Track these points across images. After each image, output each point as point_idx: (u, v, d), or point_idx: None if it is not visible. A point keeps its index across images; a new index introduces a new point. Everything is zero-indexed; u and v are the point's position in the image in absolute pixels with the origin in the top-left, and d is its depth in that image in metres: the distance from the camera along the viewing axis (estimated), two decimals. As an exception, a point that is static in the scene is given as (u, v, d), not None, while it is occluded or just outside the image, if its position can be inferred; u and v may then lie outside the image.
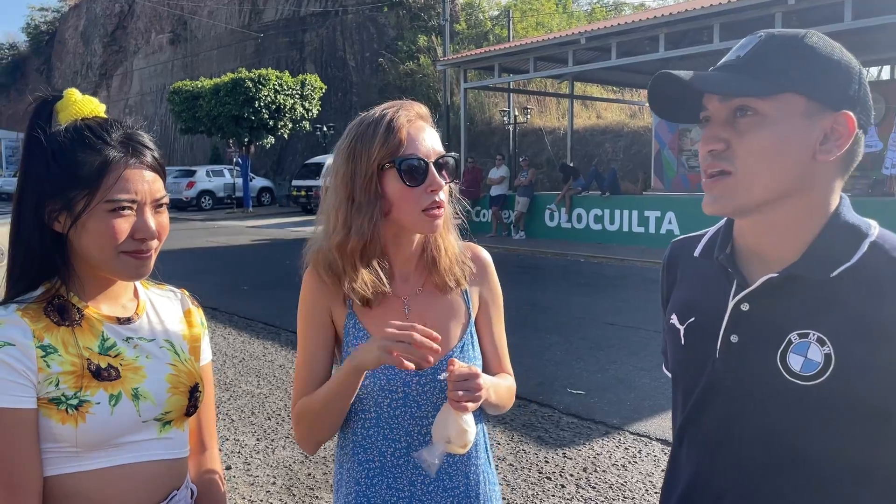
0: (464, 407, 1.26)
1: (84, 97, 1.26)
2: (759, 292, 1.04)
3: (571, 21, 31.87)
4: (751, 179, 1.01)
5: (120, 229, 1.19)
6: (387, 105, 1.41)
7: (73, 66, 54.31)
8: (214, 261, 13.60)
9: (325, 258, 1.41)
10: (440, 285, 1.45)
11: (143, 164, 1.22)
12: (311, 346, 1.46)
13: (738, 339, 1.06)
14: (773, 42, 1.02)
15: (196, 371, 1.34)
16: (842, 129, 0.99)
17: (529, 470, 3.97)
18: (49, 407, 1.15)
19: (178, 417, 1.29)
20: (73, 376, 1.16)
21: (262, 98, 25.08)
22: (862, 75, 1.02)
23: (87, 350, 1.20)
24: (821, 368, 0.97)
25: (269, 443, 4.47)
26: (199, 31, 42.88)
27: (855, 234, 1.01)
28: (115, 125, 1.23)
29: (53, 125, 1.23)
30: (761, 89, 0.99)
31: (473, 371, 1.28)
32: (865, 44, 13.90)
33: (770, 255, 1.06)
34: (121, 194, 1.18)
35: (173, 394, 1.27)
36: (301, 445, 1.49)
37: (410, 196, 1.35)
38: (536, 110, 26.23)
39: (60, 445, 1.16)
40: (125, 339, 1.26)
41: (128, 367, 1.23)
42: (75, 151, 1.19)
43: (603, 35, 14.59)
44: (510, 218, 16.90)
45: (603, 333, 7.10)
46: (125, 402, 1.20)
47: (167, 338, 1.32)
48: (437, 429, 1.30)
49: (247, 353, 6.71)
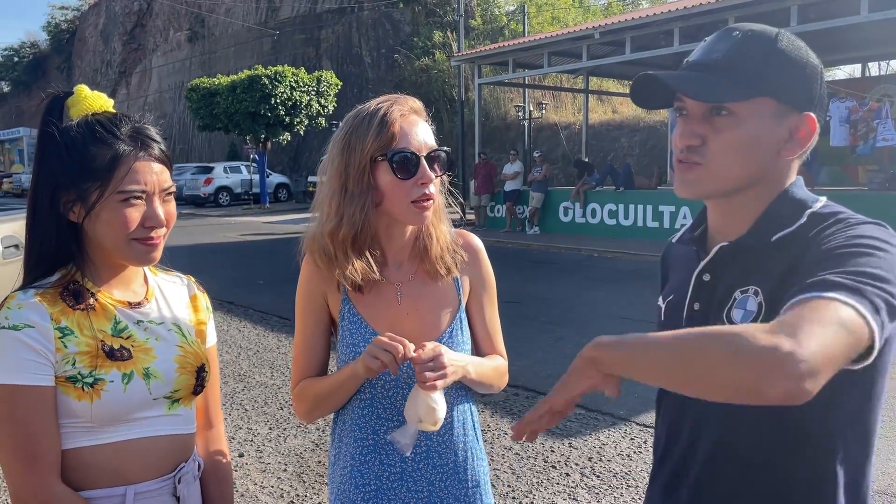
0: (431, 386, 1.33)
1: (93, 93, 1.33)
2: (715, 261, 1.16)
3: (587, 15, 31.76)
4: (723, 172, 1.11)
5: (131, 218, 1.26)
6: (382, 99, 1.47)
7: (92, 65, 54.95)
8: (231, 256, 13.76)
9: (320, 245, 1.48)
10: (431, 273, 1.51)
11: (150, 156, 1.29)
12: (309, 329, 1.54)
13: (699, 307, 1.17)
14: (748, 43, 1.09)
15: (202, 352, 1.43)
16: (805, 128, 1.09)
17: (535, 459, 4.03)
18: (66, 385, 1.23)
19: (186, 396, 1.38)
20: (88, 356, 1.25)
21: (278, 95, 25.25)
22: (823, 75, 1.11)
23: (101, 332, 1.28)
24: (754, 316, 1.07)
25: (280, 431, 4.57)
26: (216, 29, 43.22)
27: (799, 206, 1.11)
28: (124, 120, 1.30)
29: (65, 120, 1.30)
30: (738, 94, 1.07)
31: (437, 351, 1.35)
32: (881, 37, 13.78)
33: (729, 229, 1.16)
34: (131, 185, 1.26)
35: (181, 373, 1.35)
36: (300, 418, 1.60)
37: (401, 188, 1.41)
38: (552, 105, 26.20)
39: (77, 421, 1.25)
40: (136, 322, 1.34)
41: (139, 348, 1.31)
42: (87, 145, 1.26)
43: (617, 29, 14.56)
44: (524, 213, 16.91)
45: (615, 327, 7.13)
46: (137, 381, 1.28)
47: (175, 321, 1.40)
48: (409, 410, 1.38)
49: (261, 345, 6.82)
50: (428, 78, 29.53)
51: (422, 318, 1.50)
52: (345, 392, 1.49)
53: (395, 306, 1.49)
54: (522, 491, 3.64)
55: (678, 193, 1.17)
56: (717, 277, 1.15)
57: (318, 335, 1.55)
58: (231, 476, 1.57)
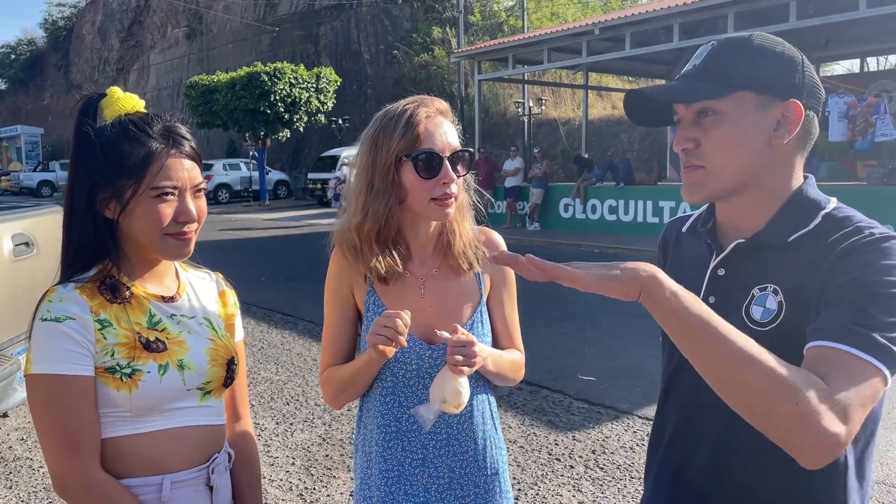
0: (460, 370, 1.41)
1: (126, 94, 1.39)
2: (730, 257, 1.20)
3: (587, 11, 31.72)
4: (720, 170, 1.16)
5: (164, 213, 1.31)
6: (410, 100, 1.54)
7: (90, 62, 54.84)
8: (232, 253, 13.79)
9: (347, 238, 1.56)
10: (454, 267, 1.58)
11: (182, 153, 1.34)
12: (336, 320, 1.62)
13: (714, 300, 1.21)
14: (722, 48, 1.17)
15: (232, 346, 1.48)
16: (791, 115, 1.13)
17: (539, 452, 4.08)
18: (105, 375, 1.29)
19: (217, 388, 1.43)
20: (126, 348, 1.30)
21: (277, 92, 25.24)
22: (805, 64, 1.15)
23: (137, 325, 1.33)
24: (775, 315, 1.12)
25: (287, 426, 4.62)
26: (214, 26, 43.15)
27: (813, 207, 1.16)
28: (156, 119, 1.35)
29: (99, 121, 1.36)
30: (714, 91, 1.14)
31: (471, 339, 1.43)
32: (879, 33, 13.81)
33: (742, 227, 1.20)
34: (164, 182, 1.31)
35: (212, 365, 1.41)
36: (328, 403, 1.67)
37: (424, 187, 1.48)
38: (551, 101, 26.21)
39: (116, 410, 1.30)
40: (170, 316, 1.39)
41: (173, 340, 1.36)
42: (122, 144, 1.31)
43: (617, 25, 14.56)
44: (525, 209, 16.95)
45: (615, 322, 7.18)
46: (172, 372, 1.33)
47: (206, 315, 1.46)
48: (435, 389, 1.44)
49: (265, 341, 6.87)
50: (427, 74, 29.52)
51: (444, 310, 1.56)
52: (365, 376, 1.55)
53: (418, 299, 1.55)
54: (528, 483, 3.69)
55: (685, 198, 1.21)
56: (732, 273, 1.19)
57: (345, 325, 1.61)
58: (259, 466, 1.62)
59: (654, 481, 1.33)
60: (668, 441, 1.29)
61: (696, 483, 1.23)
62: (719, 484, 1.20)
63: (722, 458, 1.19)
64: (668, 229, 1.44)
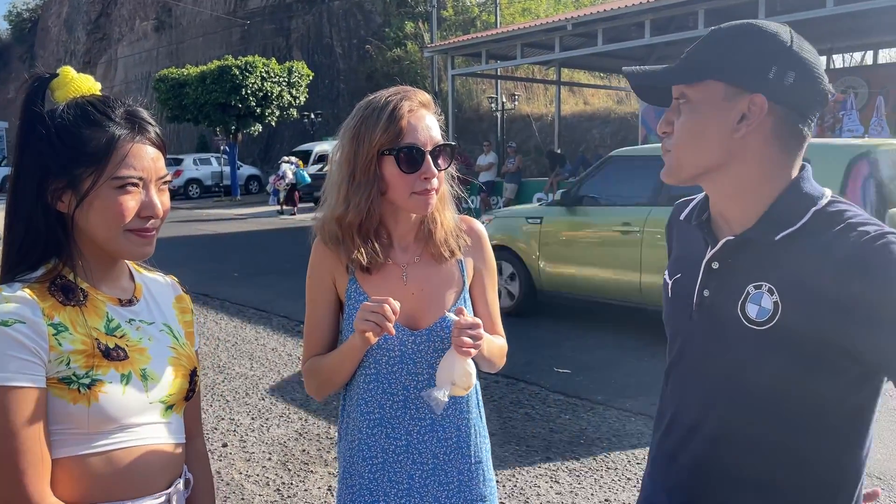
0: (467, 352, 1.42)
1: (80, 75, 1.24)
2: (722, 252, 1.19)
3: (559, 7, 31.82)
4: (681, 155, 1.18)
5: (127, 207, 1.18)
6: (393, 91, 1.53)
7: (56, 55, 53.74)
8: (204, 248, 13.64)
9: (329, 229, 1.55)
10: (436, 255, 1.59)
11: (147, 140, 1.21)
12: (318, 310, 1.61)
13: (709, 294, 1.21)
14: (714, 33, 1.17)
15: (193, 355, 1.35)
16: (755, 108, 1.12)
17: (517, 444, 4.10)
18: (60, 387, 1.13)
19: (179, 401, 1.30)
20: (83, 356, 1.15)
21: (248, 86, 24.99)
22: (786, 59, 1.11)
23: (95, 330, 1.19)
24: (771, 314, 1.11)
25: (263, 421, 4.58)
26: (183, 19, 42.55)
27: (804, 203, 1.14)
28: (117, 102, 1.22)
29: (48, 104, 1.20)
30: (684, 76, 1.15)
31: (477, 321, 1.45)
32: (847, 29, 14.06)
33: (733, 220, 1.20)
34: (128, 171, 1.17)
35: (176, 376, 1.28)
36: (310, 394, 1.65)
37: (405, 181, 1.48)
38: (524, 97, 26.29)
39: (71, 426, 1.14)
40: (128, 321, 1.25)
41: (133, 348, 1.22)
42: (80, 128, 1.16)
43: (589, 21, 14.64)
44: (498, 204, 16.99)
45: (590, 315, 7.24)
46: (135, 382, 1.20)
47: (165, 321, 1.33)
48: (442, 373, 1.45)
49: (239, 337, 6.80)
50: (400, 69, 29.39)
51: (427, 298, 1.56)
52: (348, 365, 1.54)
53: (400, 287, 1.55)
54: (505, 475, 3.71)
55: (662, 178, 1.23)
56: (726, 267, 1.19)
57: (327, 315, 1.61)
58: (214, 491, 1.50)
59: (651, 465, 1.35)
60: (666, 427, 1.30)
61: (687, 469, 1.24)
62: (710, 473, 1.21)
63: (716, 450, 1.20)
64: (673, 213, 1.42)
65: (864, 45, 17.10)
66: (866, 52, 19.07)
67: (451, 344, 1.46)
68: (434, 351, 1.54)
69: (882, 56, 18.29)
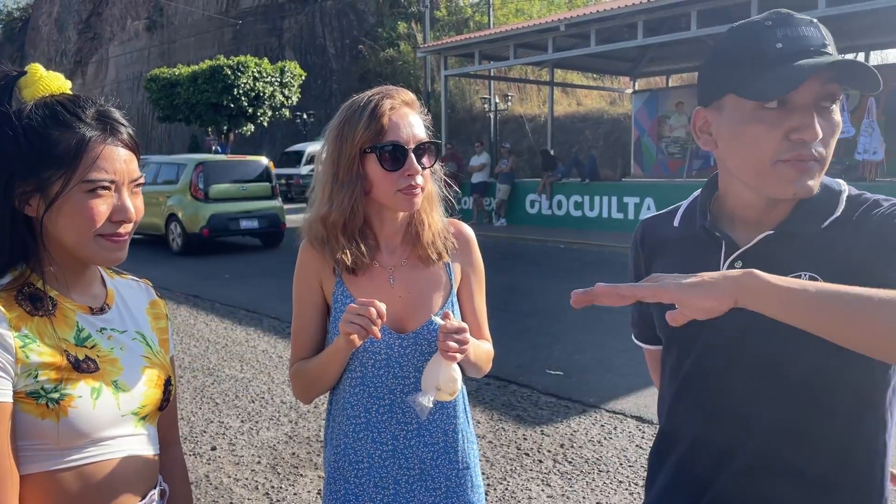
0: (452, 357, 1.40)
1: (49, 73, 1.19)
2: (754, 250, 1.15)
3: (552, 8, 31.85)
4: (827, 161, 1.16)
5: (98, 211, 1.13)
6: (376, 90, 1.51)
7: (47, 54, 53.45)
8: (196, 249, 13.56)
9: (314, 229, 1.54)
10: (423, 257, 1.57)
11: (119, 142, 1.16)
12: (305, 312, 1.59)
13: None
14: None
15: (167, 364, 1.31)
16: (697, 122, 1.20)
17: (508, 447, 4.08)
18: (27, 402, 1.08)
19: (152, 412, 1.26)
20: (52, 369, 1.10)
21: (240, 85, 24.91)
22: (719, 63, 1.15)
23: (64, 341, 1.14)
24: None
25: (252, 424, 4.54)
26: (175, 18, 42.39)
27: (832, 192, 1.15)
28: (88, 101, 1.17)
29: (15, 103, 1.15)
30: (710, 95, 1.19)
31: (463, 326, 1.42)
32: (839, 31, 14.10)
33: (764, 219, 1.16)
34: (100, 174, 1.13)
35: (149, 387, 1.24)
36: (297, 398, 1.63)
37: (388, 179, 1.47)
38: (517, 97, 26.28)
39: (40, 442, 1.10)
40: (99, 331, 1.21)
41: (104, 359, 1.18)
42: (49, 129, 1.12)
43: (582, 22, 14.66)
44: (491, 205, 16.99)
45: (581, 316, 7.22)
46: (107, 395, 1.15)
47: (138, 329, 1.29)
48: (428, 377, 1.42)
49: (230, 339, 6.76)
50: (393, 69, 29.37)
51: (413, 300, 1.54)
52: (334, 367, 1.52)
53: (387, 289, 1.53)
54: (497, 478, 3.69)
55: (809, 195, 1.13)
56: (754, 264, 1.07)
57: (314, 318, 1.59)
58: (191, 499, 1.46)
59: (664, 493, 1.26)
60: (688, 451, 1.22)
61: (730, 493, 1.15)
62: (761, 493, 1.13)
63: (765, 477, 1.13)
64: (648, 227, 1.34)
65: (856, 47, 17.15)
66: (857, 53, 19.13)
67: (437, 348, 1.43)
68: (421, 354, 1.52)
69: (873, 57, 18.37)
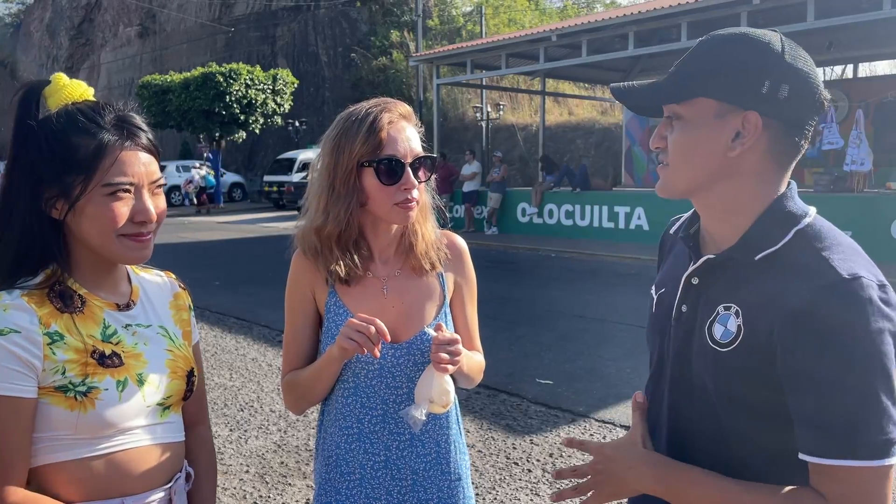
0: (445, 368, 1.40)
1: (72, 81, 1.26)
2: (702, 269, 1.16)
3: (544, 18, 32.01)
4: (675, 172, 1.15)
5: (119, 213, 1.19)
6: (373, 103, 1.52)
7: (38, 60, 53.26)
8: (186, 256, 13.51)
9: (308, 240, 1.54)
10: (416, 268, 1.57)
11: (138, 146, 1.22)
12: (297, 323, 1.59)
13: (686, 309, 1.19)
14: (699, 48, 1.13)
15: (190, 356, 1.38)
16: (749, 126, 1.07)
17: (497, 456, 4.07)
18: (56, 395, 1.16)
19: (177, 402, 1.33)
20: (78, 364, 1.18)
21: (232, 93, 24.86)
22: (780, 74, 1.06)
23: (91, 337, 1.21)
24: (733, 337, 1.09)
25: (241, 433, 4.52)
26: (168, 25, 42.34)
27: (787, 222, 1.10)
28: (108, 108, 1.23)
29: (42, 111, 1.23)
30: (670, 97, 1.12)
31: (455, 337, 1.43)
32: (826, 43, 14.23)
33: (717, 236, 1.17)
34: (118, 177, 1.19)
35: (172, 379, 1.31)
36: (289, 409, 1.64)
37: (385, 192, 1.47)
38: (509, 106, 26.36)
39: (69, 432, 1.18)
40: (124, 326, 1.27)
41: (129, 353, 1.25)
42: (69, 136, 1.18)
43: (574, 32, 14.73)
44: (483, 214, 17.01)
45: (571, 326, 7.23)
46: (132, 388, 1.23)
47: (161, 324, 1.35)
48: (421, 390, 1.42)
49: (219, 346, 6.73)
50: (385, 78, 29.42)
51: (407, 311, 1.54)
52: (326, 377, 1.52)
53: (380, 300, 1.54)
54: (486, 487, 3.68)
55: (658, 194, 1.20)
56: (704, 285, 1.16)
57: (306, 328, 1.58)
58: (216, 478, 1.53)
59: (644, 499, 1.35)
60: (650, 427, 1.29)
61: None
62: None
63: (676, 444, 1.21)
64: (669, 226, 1.39)
65: (844, 59, 17.31)
66: (846, 65, 19.32)
67: (430, 359, 1.44)
68: (413, 364, 1.52)
69: (862, 70, 18.55)
